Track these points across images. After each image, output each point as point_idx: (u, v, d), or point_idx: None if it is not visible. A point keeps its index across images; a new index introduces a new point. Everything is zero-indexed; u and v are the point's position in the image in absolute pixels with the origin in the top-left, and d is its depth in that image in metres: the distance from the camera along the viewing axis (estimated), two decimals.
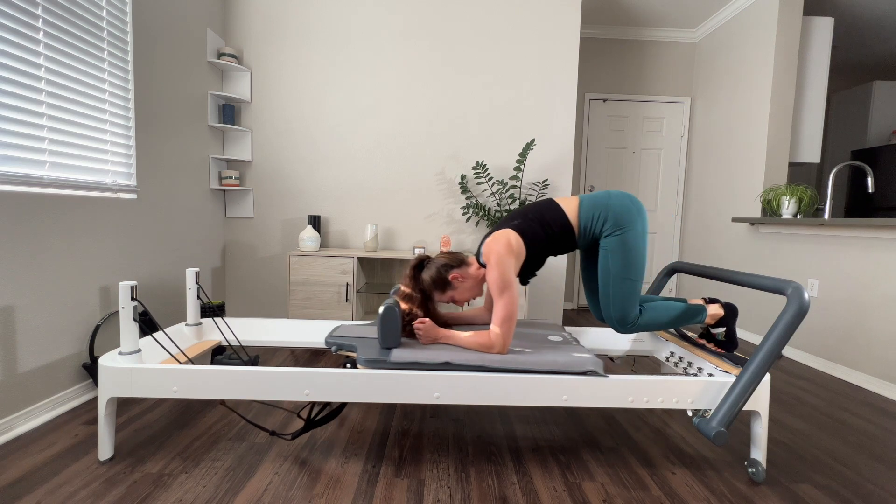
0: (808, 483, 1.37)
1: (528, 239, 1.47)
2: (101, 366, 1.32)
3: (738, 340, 1.61)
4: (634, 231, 1.45)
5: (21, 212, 1.55)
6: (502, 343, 1.39)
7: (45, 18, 1.62)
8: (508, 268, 1.39)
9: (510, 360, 1.37)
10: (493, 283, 1.39)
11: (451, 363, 1.36)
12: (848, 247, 2.37)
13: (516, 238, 1.45)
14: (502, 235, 1.44)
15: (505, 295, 1.37)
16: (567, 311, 3.93)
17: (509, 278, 1.38)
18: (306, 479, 1.31)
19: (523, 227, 1.47)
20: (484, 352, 1.41)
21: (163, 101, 2.28)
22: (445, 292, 1.54)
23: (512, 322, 1.39)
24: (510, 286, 1.38)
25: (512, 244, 1.43)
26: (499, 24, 2.98)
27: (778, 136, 3.07)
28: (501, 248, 1.41)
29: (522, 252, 1.46)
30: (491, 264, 1.40)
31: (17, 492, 1.22)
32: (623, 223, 1.45)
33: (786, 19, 2.99)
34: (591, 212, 1.48)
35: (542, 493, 1.28)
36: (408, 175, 3.04)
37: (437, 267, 1.53)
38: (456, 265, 1.54)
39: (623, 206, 1.47)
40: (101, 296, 1.90)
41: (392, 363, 1.36)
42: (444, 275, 1.52)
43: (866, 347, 2.26)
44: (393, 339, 1.42)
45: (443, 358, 1.37)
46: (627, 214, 1.46)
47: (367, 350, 1.44)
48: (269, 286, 3.05)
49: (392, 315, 1.40)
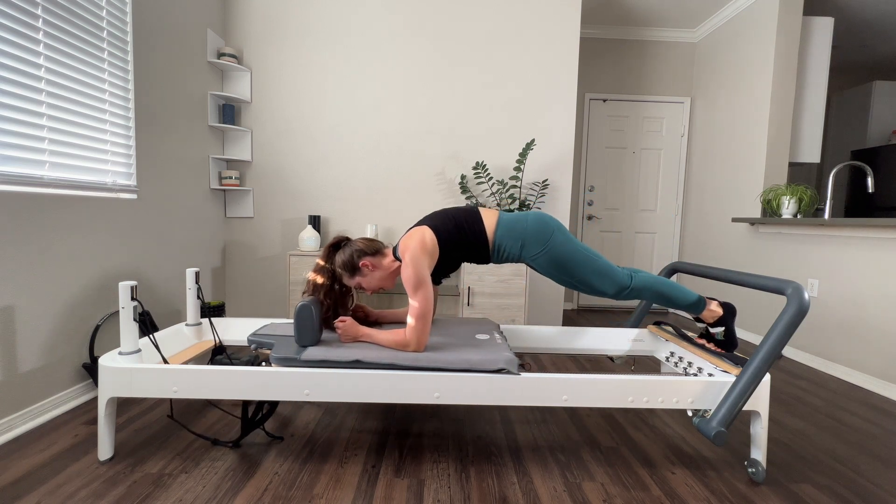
0: (808, 483, 1.37)
1: (443, 240, 1.47)
2: (101, 366, 1.32)
3: (737, 340, 1.61)
4: (556, 243, 1.48)
5: (21, 212, 1.55)
6: (417, 341, 1.39)
7: (45, 18, 1.62)
8: (422, 266, 1.40)
9: (423, 358, 1.37)
10: (407, 280, 1.39)
11: (361, 361, 1.36)
12: (848, 247, 2.37)
13: (431, 237, 1.46)
14: (418, 233, 1.46)
15: (419, 292, 1.38)
16: (567, 311, 3.93)
17: (423, 276, 1.39)
18: (306, 479, 1.31)
19: (439, 228, 1.49)
20: (399, 350, 1.41)
21: (163, 101, 2.28)
22: (354, 277, 1.54)
23: (426, 319, 1.39)
24: (423, 284, 1.38)
25: (426, 243, 1.43)
26: (499, 24, 2.98)
27: (778, 136, 3.07)
28: (416, 245, 1.42)
29: (436, 252, 1.47)
30: (405, 262, 1.41)
31: (17, 492, 1.22)
32: (542, 242, 1.48)
33: (786, 19, 2.99)
34: (508, 233, 1.50)
35: (542, 493, 1.28)
36: (408, 175, 3.04)
37: (351, 251, 1.52)
38: (370, 253, 1.53)
39: (537, 227, 1.50)
40: (101, 296, 1.90)
41: (302, 361, 1.36)
42: (355, 260, 1.51)
43: (866, 347, 2.26)
44: (309, 336, 1.42)
45: (353, 356, 1.37)
46: (543, 233, 1.49)
47: (282, 348, 1.44)
48: (269, 286, 3.05)
49: (307, 313, 1.40)
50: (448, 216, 1.52)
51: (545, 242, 1.48)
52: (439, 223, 1.50)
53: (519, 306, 2.69)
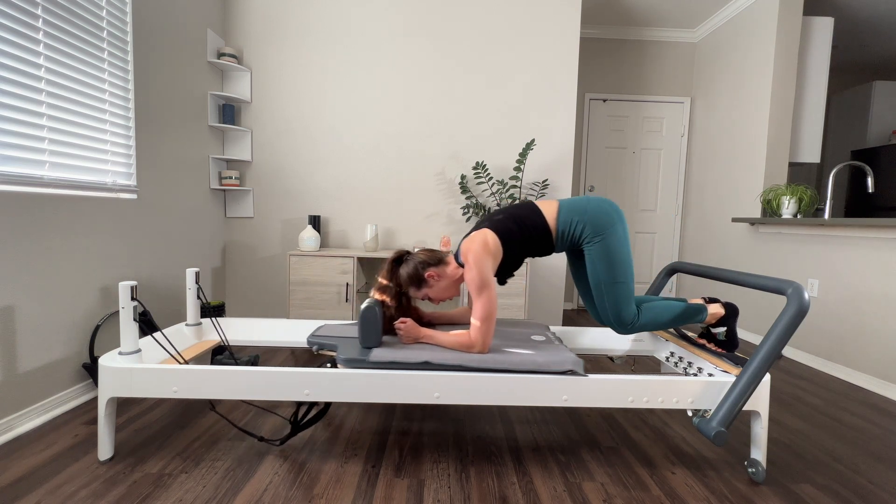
0: (808, 483, 1.37)
1: (505, 239, 1.47)
2: (101, 366, 1.32)
3: (738, 340, 1.61)
4: (615, 236, 1.46)
5: (21, 212, 1.55)
6: (482, 342, 1.39)
7: (45, 18, 1.62)
8: (486, 267, 1.39)
9: (489, 359, 1.37)
10: (472, 282, 1.39)
11: (430, 363, 1.36)
12: (848, 247, 2.37)
13: (493, 238, 1.45)
14: (479, 235, 1.45)
15: (483, 294, 1.38)
16: (567, 311, 3.93)
17: (487, 278, 1.39)
18: (306, 479, 1.31)
19: (500, 227, 1.48)
20: (464, 351, 1.41)
21: (163, 101, 2.28)
22: (420, 289, 1.54)
23: (491, 321, 1.39)
24: (488, 285, 1.38)
25: (489, 244, 1.43)
26: (499, 24, 2.98)
27: (778, 136, 3.07)
28: (479, 247, 1.41)
29: (500, 252, 1.46)
30: (469, 264, 1.40)
31: (17, 492, 1.22)
32: (602, 229, 1.45)
33: (786, 19, 2.99)
34: (570, 217, 1.48)
35: (542, 493, 1.28)
36: (408, 175, 3.04)
37: (414, 263, 1.53)
38: (433, 263, 1.54)
39: (601, 211, 1.47)
40: (101, 296, 1.90)
41: (371, 363, 1.36)
42: (420, 272, 1.51)
43: (866, 347, 2.26)
44: (373, 338, 1.42)
45: (422, 357, 1.37)
46: (606, 219, 1.46)
47: (347, 350, 1.44)
48: (269, 286, 3.05)
49: (371, 315, 1.40)
50: (507, 215, 1.51)
51: (607, 228, 1.45)
52: (500, 224, 1.49)
53: (519, 306, 2.69)
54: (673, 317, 1.55)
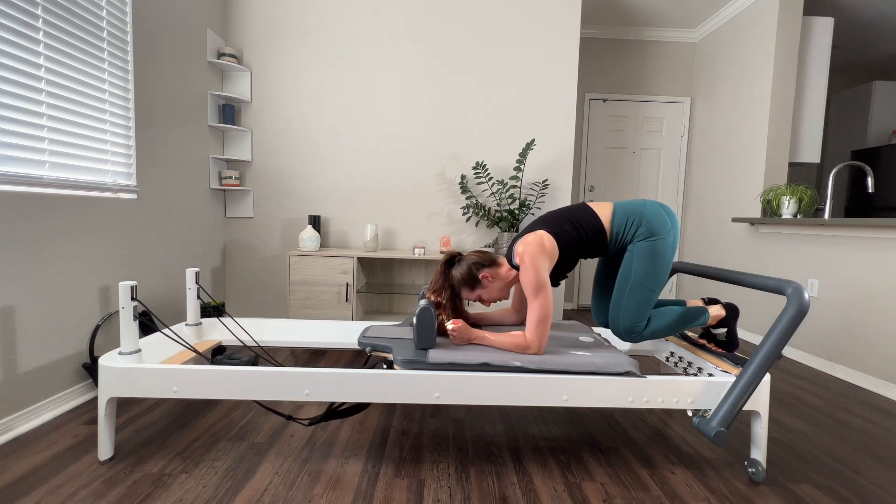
0: (808, 483, 1.37)
1: (562, 241, 1.47)
2: (101, 366, 1.32)
3: (738, 340, 1.61)
4: (666, 241, 1.45)
5: (21, 212, 1.55)
6: (538, 344, 1.40)
7: (45, 18, 1.62)
8: (542, 269, 1.39)
9: (547, 360, 1.36)
10: (528, 283, 1.39)
11: (490, 364, 1.36)
12: (848, 247, 2.37)
13: (550, 240, 1.45)
14: (536, 237, 1.44)
15: (540, 296, 1.38)
16: (567, 311, 3.93)
17: (544, 279, 1.39)
18: (306, 479, 1.31)
19: (557, 230, 1.48)
20: (520, 353, 1.41)
21: (163, 101, 2.28)
22: (474, 290, 1.54)
23: (547, 323, 1.39)
24: (545, 287, 1.38)
25: (546, 246, 1.43)
26: (499, 24, 2.98)
27: (778, 136, 3.07)
28: (536, 249, 1.41)
29: (556, 253, 1.46)
30: (525, 265, 1.40)
31: (17, 492, 1.22)
32: (656, 231, 1.45)
33: (786, 19, 2.99)
34: (625, 217, 1.48)
35: (542, 493, 1.28)
36: (408, 175, 3.04)
37: (468, 264, 1.53)
38: (487, 264, 1.54)
39: (657, 214, 1.47)
40: (101, 296, 1.90)
41: (430, 364, 1.36)
42: (474, 273, 1.52)
43: (866, 347, 2.26)
44: (429, 339, 1.42)
45: (481, 359, 1.37)
46: (661, 223, 1.46)
47: (403, 351, 1.44)
48: (269, 286, 3.05)
49: (428, 316, 1.40)
50: (564, 218, 1.51)
51: (661, 231, 1.45)
52: (556, 226, 1.49)
53: None
54: (675, 324, 1.54)
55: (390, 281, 3.04)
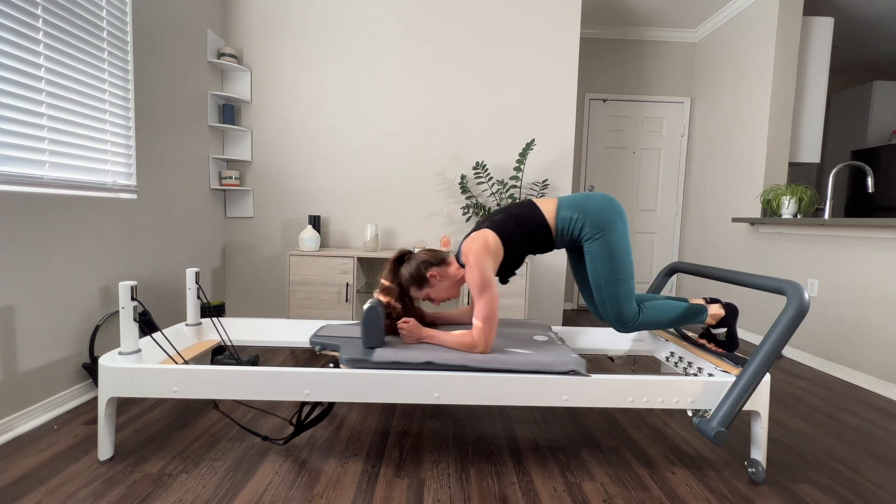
0: (808, 483, 1.37)
1: (505, 238, 1.47)
2: (101, 366, 1.32)
3: (738, 340, 1.61)
4: (615, 232, 1.46)
5: (21, 212, 1.55)
6: (484, 342, 1.40)
7: (45, 18, 1.62)
8: (487, 267, 1.40)
9: (493, 359, 1.37)
10: (473, 283, 1.39)
11: (434, 363, 1.36)
12: (848, 247, 2.37)
13: (494, 238, 1.46)
14: (480, 235, 1.46)
15: (485, 294, 1.38)
16: (567, 311, 3.93)
17: (488, 277, 1.39)
18: (306, 479, 1.31)
19: (501, 227, 1.48)
20: (466, 351, 1.41)
21: (163, 101, 2.28)
22: (422, 289, 1.54)
23: (493, 321, 1.39)
24: (489, 285, 1.39)
25: (489, 244, 1.44)
26: (499, 23, 2.98)
27: (778, 136, 3.07)
28: (479, 247, 1.42)
29: (500, 251, 1.47)
30: (470, 265, 1.41)
31: (17, 492, 1.22)
32: (602, 225, 1.46)
33: (786, 19, 2.99)
34: (569, 213, 1.49)
35: (542, 493, 1.28)
36: (408, 175, 3.04)
37: (416, 263, 1.53)
38: (436, 263, 1.54)
39: (601, 207, 1.47)
40: (101, 296, 1.90)
41: (374, 363, 1.36)
42: (422, 272, 1.52)
43: (866, 347, 2.26)
44: (376, 338, 1.42)
45: (425, 358, 1.37)
46: (606, 216, 1.46)
47: (350, 350, 1.44)
48: (269, 286, 3.05)
49: (374, 315, 1.41)
50: (508, 215, 1.52)
51: (606, 225, 1.45)
52: (499, 224, 1.49)
53: (519, 306, 2.69)
54: (674, 317, 1.55)
55: None
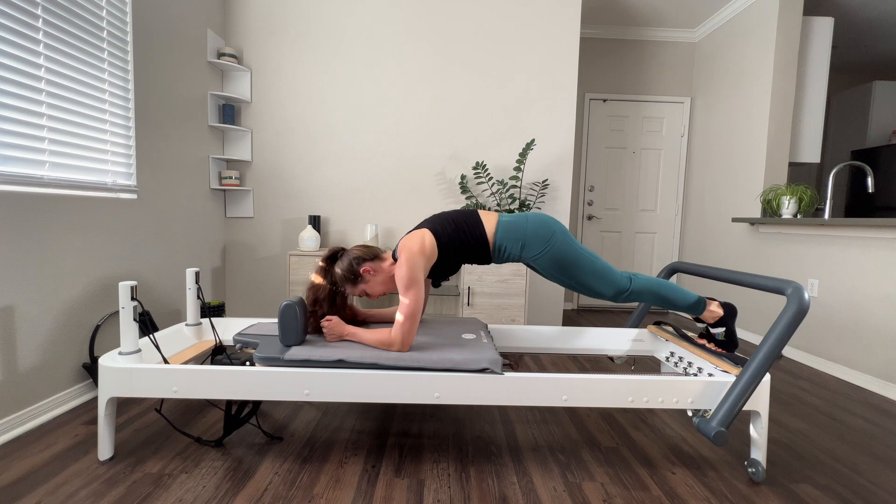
0: (808, 483, 1.37)
1: (442, 242, 1.48)
2: (101, 366, 1.32)
3: (738, 340, 1.61)
4: (557, 243, 1.48)
5: (21, 212, 1.55)
6: (401, 340, 1.39)
7: (45, 18, 1.62)
8: (417, 267, 1.40)
9: (406, 357, 1.37)
10: (400, 280, 1.40)
11: (345, 361, 1.36)
12: (848, 247, 2.37)
13: (430, 239, 1.47)
14: (417, 235, 1.46)
15: (410, 292, 1.39)
16: (567, 311, 3.93)
17: (416, 276, 1.39)
18: (306, 479, 1.31)
19: (439, 229, 1.49)
20: (384, 349, 1.41)
21: (163, 101, 2.28)
22: (357, 285, 1.54)
23: (414, 319, 1.39)
24: (416, 284, 1.39)
25: (425, 244, 1.44)
26: (499, 23, 2.98)
27: (778, 136, 3.07)
28: (414, 246, 1.43)
29: (435, 254, 1.47)
30: (401, 261, 1.41)
31: (17, 492, 1.22)
32: (542, 242, 1.48)
33: (786, 19, 2.99)
34: (507, 234, 1.51)
35: (542, 493, 1.28)
36: (408, 175, 3.04)
37: (349, 259, 1.52)
38: (369, 258, 1.54)
39: (537, 227, 1.50)
40: (101, 296, 1.90)
41: (286, 361, 1.36)
42: (355, 268, 1.51)
43: (866, 347, 2.26)
44: (293, 336, 1.42)
45: (336, 356, 1.37)
46: (543, 233, 1.49)
47: (266, 348, 1.43)
48: (269, 286, 3.05)
49: (290, 312, 1.40)
50: (448, 219, 1.53)
51: (546, 242, 1.48)
52: (439, 226, 1.50)
53: (519, 306, 2.69)
54: (670, 290, 1.54)
55: None
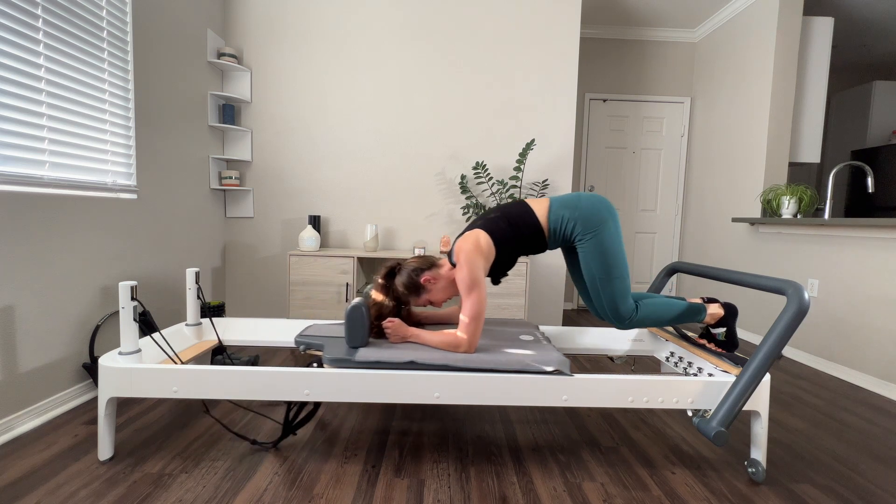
0: (808, 483, 1.37)
1: (497, 239, 1.48)
2: (101, 366, 1.32)
3: (738, 340, 1.61)
4: (607, 231, 1.46)
5: (21, 212, 1.55)
6: (468, 342, 1.40)
7: (45, 18, 1.62)
8: (477, 267, 1.40)
9: (475, 359, 1.37)
10: (462, 281, 1.40)
11: (416, 362, 1.36)
12: (848, 247, 2.37)
13: (486, 238, 1.46)
14: (472, 235, 1.46)
15: (473, 294, 1.38)
16: (567, 311, 3.93)
17: (477, 277, 1.39)
18: (306, 479, 1.31)
19: (493, 227, 1.49)
20: (450, 350, 1.41)
21: (163, 101, 2.28)
22: (420, 296, 1.55)
23: (479, 321, 1.40)
24: (478, 285, 1.39)
25: (481, 244, 1.44)
26: (499, 23, 2.98)
27: (778, 136, 3.07)
28: (470, 247, 1.42)
29: (492, 252, 1.47)
30: (460, 263, 1.41)
31: (17, 492, 1.22)
32: (594, 225, 1.46)
33: (786, 19, 2.99)
34: (561, 213, 1.49)
35: (542, 493, 1.28)
36: (408, 175, 3.04)
37: (408, 272, 1.53)
38: (426, 268, 1.54)
39: (592, 207, 1.48)
40: (101, 296, 1.90)
41: (356, 362, 1.36)
42: (415, 279, 1.52)
43: (866, 347, 2.26)
44: (360, 338, 1.42)
45: (407, 357, 1.37)
46: (597, 216, 1.47)
47: (333, 349, 1.44)
48: (269, 286, 3.05)
49: (357, 314, 1.40)
50: (498, 215, 1.52)
51: (598, 225, 1.46)
52: (491, 224, 1.50)
53: (519, 306, 2.69)
54: (671, 315, 1.55)
55: None
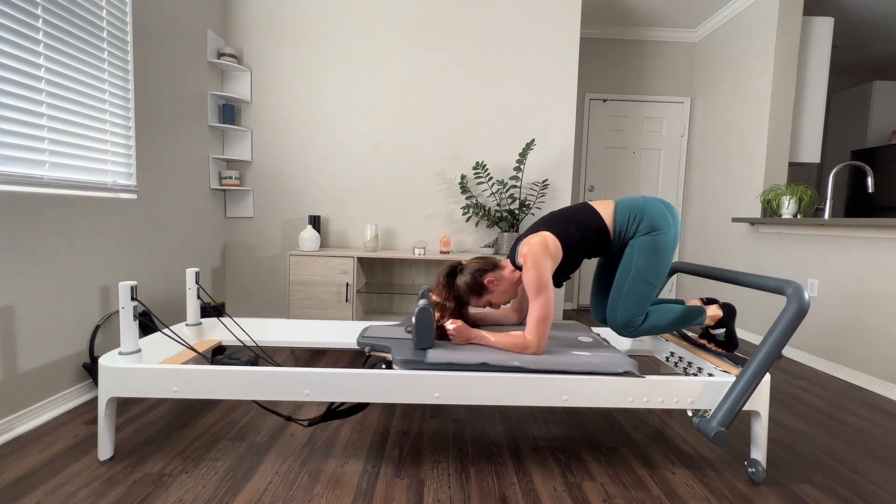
0: (808, 483, 1.37)
1: (566, 242, 1.48)
2: (101, 366, 1.32)
3: (738, 340, 1.61)
4: (667, 235, 1.46)
5: (21, 212, 1.55)
6: (537, 344, 1.40)
7: (45, 18, 1.62)
8: (545, 269, 1.40)
9: (546, 360, 1.37)
10: (530, 283, 1.39)
11: (489, 364, 1.36)
12: (848, 247, 2.37)
13: (554, 241, 1.46)
14: (540, 237, 1.45)
15: (541, 296, 1.39)
16: (567, 311, 3.93)
17: (546, 279, 1.39)
18: (306, 479, 1.31)
19: (561, 231, 1.48)
20: (518, 352, 1.41)
21: (163, 100, 2.28)
22: (482, 297, 1.55)
23: (547, 323, 1.40)
24: (546, 287, 1.39)
25: (549, 246, 1.44)
26: (499, 23, 2.98)
27: (778, 136, 3.06)
28: (540, 249, 1.42)
29: (559, 254, 1.47)
30: (528, 265, 1.41)
31: (17, 492, 1.22)
32: (657, 226, 1.46)
33: (786, 19, 2.99)
34: (627, 214, 1.49)
35: (542, 493, 1.28)
36: (408, 175, 3.04)
37: (471, 272, 1.53)
38: (490, 269, 1.54)
39: (659, 210, 1.48)
40: (101, 296, 1.90)
41: (428, 364, 1.36)
42: (479, 279, 1.52)
43: (866, 347, 2.26)
44: (428, 339, 1.42)
45: (480, 359, 1.37)
46: (663, 219, 1.47)
47: (401, 351, 1.44)
48: (269, 286, 3.05)
49: (427, 315, 1.40)
50: (568, 219, 1.51)
51: (661, 226, 1.46)
52: (558, 227, 1.49)
53: None
54: (672, 321, 1.55)
55: (390, 281, 3.04)
